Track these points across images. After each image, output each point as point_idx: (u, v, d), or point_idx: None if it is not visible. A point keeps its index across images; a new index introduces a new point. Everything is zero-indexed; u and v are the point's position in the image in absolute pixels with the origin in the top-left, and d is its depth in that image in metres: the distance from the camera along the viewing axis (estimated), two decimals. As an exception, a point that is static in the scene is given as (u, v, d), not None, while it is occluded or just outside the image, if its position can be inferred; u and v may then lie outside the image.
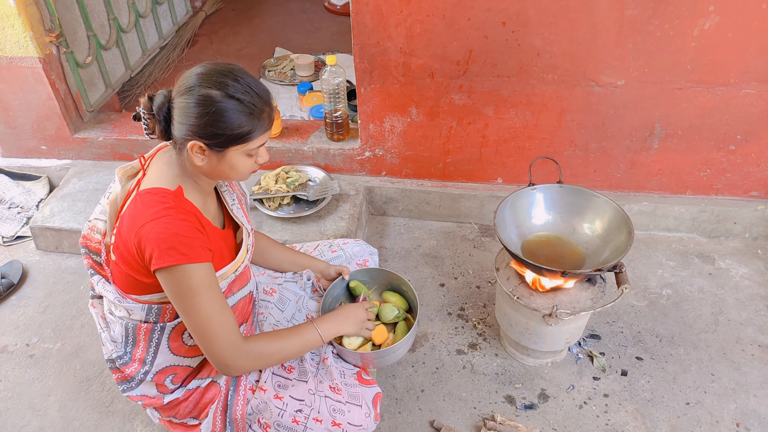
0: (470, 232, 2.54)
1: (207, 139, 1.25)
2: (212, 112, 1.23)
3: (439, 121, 2.31)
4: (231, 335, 1.32)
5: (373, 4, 2.03)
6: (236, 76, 1.26)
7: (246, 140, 1.28)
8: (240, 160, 1.31)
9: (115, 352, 1.47)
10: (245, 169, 1.34)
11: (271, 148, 2.52)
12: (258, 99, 1.27)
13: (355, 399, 1.47)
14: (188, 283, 1.26)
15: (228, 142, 1.27)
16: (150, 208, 1.27)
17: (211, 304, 1.28)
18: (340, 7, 4.21)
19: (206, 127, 1.24)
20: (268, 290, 1.69)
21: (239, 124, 1.25)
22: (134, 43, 3.24)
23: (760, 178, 2.29)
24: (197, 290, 1.27)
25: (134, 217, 1.29)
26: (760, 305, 2.16)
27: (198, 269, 1.26)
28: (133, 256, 1.30)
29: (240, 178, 1.38)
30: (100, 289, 1.44)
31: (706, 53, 1.99)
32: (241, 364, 1.34)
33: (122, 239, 1.32)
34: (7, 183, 2.68)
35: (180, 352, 1.45)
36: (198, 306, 1.27)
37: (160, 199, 1.29)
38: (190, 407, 1.50)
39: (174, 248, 1.23)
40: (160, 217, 1.25)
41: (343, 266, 1.73)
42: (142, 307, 1.39)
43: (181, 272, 1.25)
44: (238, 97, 1.24)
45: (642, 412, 1.83)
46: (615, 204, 1.76)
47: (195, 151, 1.27)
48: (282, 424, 1.42)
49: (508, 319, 1.87)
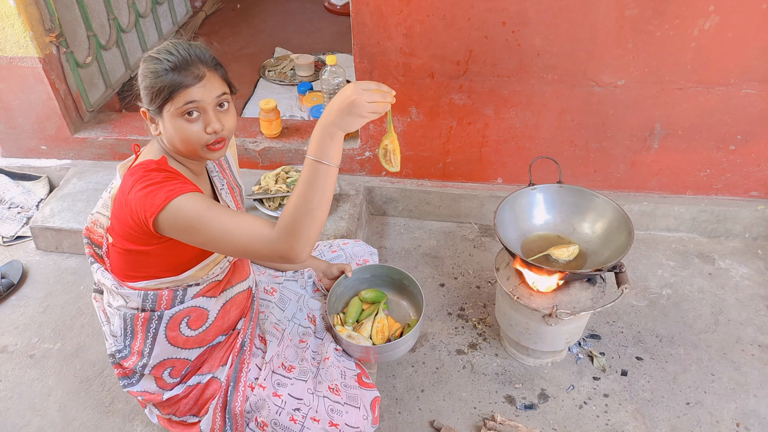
0: (470, 232, 2.54)
1: (146, 105, 1.31)
2: (138, 74, 1.30)
3: (439, 121, 2.31)
4: (255, 231, 1.22)
5: (373, 4, 2.03)
6: (172, 42, 1.31)
7: (169, 97, 1.25)
8: (176, 123, 1.27)
9: (114, 345, 1.49)
10: (189, 135, 1.28)
11: (271, 148, 2.52)
12: (178, 56, 1.27)
13: (354, 401, 1.47)
14: (185, 214, 1.22)
15: (156, 102, 1.27)
16: (135, 177, 1.28)
17: (218, 218, 1.22)
18: (340, 7, 4.21)
19: (142, 91, 1.30)
20: (269, 289, 1.70)
21: (159, 79, 1.26)
22: (134, 43, 3.24)
23: (760, 178, 2.29)
24: (198, 215, 1.22)
25: (122, 190, 1.31)
26: (760, 305, 2.16)
27: (188, 198, 1.22)
28: (131, 226, 1.29)
29: (191, 149, 1.31)
30: (99, 276, 1.45)
31: (706, 53, 1.99)
32: (287, 246, 1.19)
33: (116, 216, 1.34)
34: (7, 183, 2.68)
35: (177, 342, 1.45)
36: (209, 227, 1.22)
37: (143, 167, 1.31)
38: (191, 404, 1.51)
39: (156, 193, 1.22)
40: (141, 178, 1.27)
41: (345, 264, 1.74)
42: (138, 294, 1.40)
43: (174, 209, 1.21)
44: (157, 57, 1.28)
45: (642, 412, 1.83)
46: (615, 204, 1.76)
47: (147, 119, 1.34)
48: (279, 423, 1.42)
49: (508, 319, 1.87)
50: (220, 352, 1.52)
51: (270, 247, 1.20)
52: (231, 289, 1.49)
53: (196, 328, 1.46)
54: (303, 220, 1.18)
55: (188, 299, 1.43)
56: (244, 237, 1.21)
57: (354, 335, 1.62)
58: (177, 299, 1.43)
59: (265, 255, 1.22)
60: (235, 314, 1.54)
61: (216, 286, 1.48)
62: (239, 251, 1.25)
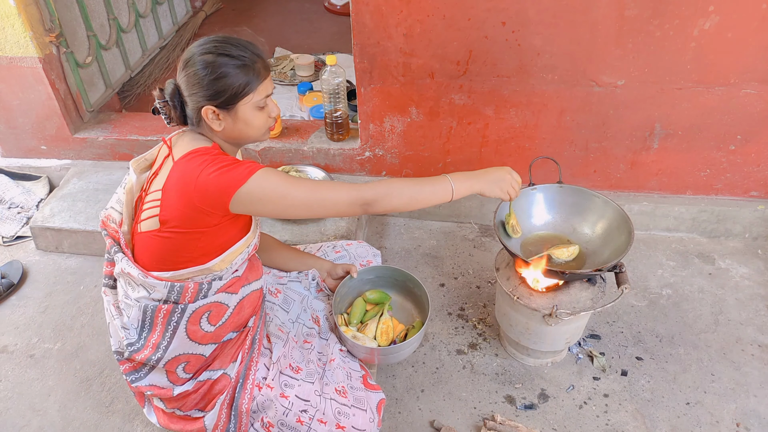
0: (470, 232, 2.54)
1: (215, 99, 1.33)
2: (211, 72, 1.31)
3: (439, 121, 2.31)
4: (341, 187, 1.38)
5: (373, 4, 2.03)
6: (224, 38, 1.35)
7: (248, 91, 1.34)
8: (252, 114, 1.38)
9: (126, 339, 1.47)
10: (261, 122, 1.41)
11: (271, 148, 2.52)
12: (248, 51, 1.34)
13: (361, 403, 1.48)
14: (269, 185, 1.31)
15: (234, 98, 1.33)
16: (198, 162, 1.32)
17: (301, 182, 1.35)
18: (340, 7, 4.21)
19: (210, 88, 1.31)
20: (273, 291, 1.70)
21: (237, 77, 1.32)
22: (134, 43, 3.24)
23: (760, 178, 2.29)
24: (282, 183, 1.32)
25: (185, 176, 1.32)
26: (760, 305, 2.16)
27: (267, 172, 1.32)
28: (196, 209, 1.32)
29: (259, 135, 1.43)
30: (123, 265, 1.44)
31: (706, 53, 1.99)
32: (371, 194, 1.37)
33: (173, 204, 1.35)
34: (7, 183, 2.68)
35: (196, 337, 1.45)
36: (295, 192, 1.33)
37: (202, 152, 1.35)
38: (198, 399, 1.51)
39: (235, 169, 1.30)
40: (210, 161, 1.32)
41: (350, 264, 1.74)
42: (164, 285, 1.40)
43: (256, 182, 1.30)
44: (229, 53, 1.32)
45: (642, 412, 1.83)
46: (615, 204, 1.76)
47: (210, 116, 1.35)
48: (286, 423, 1.42)
49: (508, 319, 1.87)
50: (231, 348, 1.53)
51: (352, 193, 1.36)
52: (248, 286, 1.52)
53: (215, 323, 1.47)
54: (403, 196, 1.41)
55: (211, 293, 1.45)
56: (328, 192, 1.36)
57: (359, 336, 1.62)
58: (201, 293, 1.43)
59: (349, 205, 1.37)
60: (248, 311, 1.55)
61: (236, 282, 1.50)
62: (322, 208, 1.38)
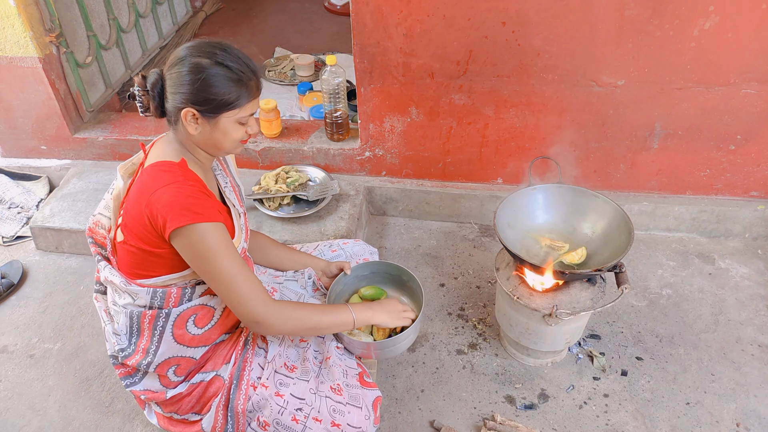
0: (470, 232, 2.54)
1: (199, 105, 1.31)
2: (203, 78, 1.29)
3: (439, 121, 2.31)
4: (257, 291, 1.35)
5: (373, 4, 2.03)
6: (224, 47, 1.33)
7: (235, 106, 1.33)
8: (232, 127, 1.36)
9: (117, 344, 1.48)
10: (238, 136, 1.39)
11: (271, 148, 2.52)
12: (246, 67, 1.33)
13: (356, 401, 1.47)
14: (206, 243, 1.29)
15: (219, 108, 1.32)
16: (157, 178, 1.31)
17: (231, 262, 1.32)
18: (340, 7, 4.21)
19: (198, 94, 1.30)
20: (269, 290, 1.70)
21: (228, 90, 1.30)
22: (134, 43, 3.24)
23: (760, 178, 2.29)
24: (216, 249, 1.30)
25: (142, 188, 1.32)
26: (760, 305, 2.16)
27: (213, 228, 1.30)
28: (145, 227, 1.32)
29: (232, 148, 1.42)
30: (107, 274, 1.45)
31: (706, 53, 1.99)
32: (271, 321, 1.37)
33: (131, 213, 1.35)
34: (7, 183, 2.68)
35: (183, 340, 1.46)
36: (219, 265, 1.31)
37: (166, 169, 1.33)
38: (193, 402, 1.51)
39: (187, 209, 1.27)
40: (168, 183, 1.30)
41: (344, 261, 1.74)
42: (147, 291, 1.41)
43: (197, 232, 1.28)
44: (227, 65, 1.30)
45: (642, 412, 1.83)
46: (615, 204, 1.76)
47: (189, 119, 1.33)
48: (281, 422, 1.42)
49: (508, 319, 1.87)
50: (224, 350, 1.53)
51: (258, 310, 1.35)
52: None
53: (203, 326, 1.47)
54: (303, 329, 1.44)
55: (196, 297, 1.45)
56: (244, 289, 1.33)
57: (355, 332, 1.62)
58: (185, 297, 1.44)
59: (245, 313, 1.35)
60: None
61: None
62: (227, 296, 1.35)
